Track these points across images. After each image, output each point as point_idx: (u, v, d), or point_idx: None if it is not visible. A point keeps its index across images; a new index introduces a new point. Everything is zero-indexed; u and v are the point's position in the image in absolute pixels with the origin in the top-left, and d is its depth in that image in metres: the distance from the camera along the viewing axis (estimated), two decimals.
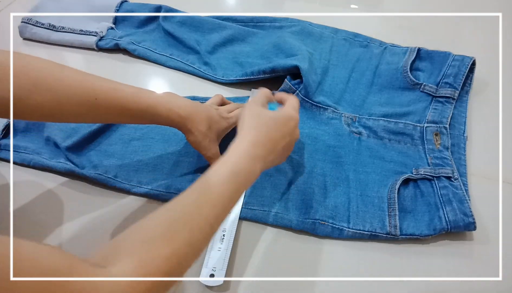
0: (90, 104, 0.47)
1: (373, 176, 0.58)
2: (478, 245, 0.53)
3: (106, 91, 0.48)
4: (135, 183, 0.60)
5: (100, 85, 0.48)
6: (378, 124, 0.63)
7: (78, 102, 0.47)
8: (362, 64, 0.73)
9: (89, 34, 0.81)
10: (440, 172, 0.56)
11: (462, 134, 0.62)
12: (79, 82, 0.47)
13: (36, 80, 0.44)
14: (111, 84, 0.49)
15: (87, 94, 0.47)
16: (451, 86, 0.64)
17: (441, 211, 0.53)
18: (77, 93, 0.46)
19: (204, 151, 0.56)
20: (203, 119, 0.54)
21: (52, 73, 0.45)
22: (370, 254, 0.53)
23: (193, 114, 0.53)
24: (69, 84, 0.46)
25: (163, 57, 0.78)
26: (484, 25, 0.82)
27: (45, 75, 0.45)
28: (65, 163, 0.61)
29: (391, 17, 0.86)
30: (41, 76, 0.45)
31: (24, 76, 0.43)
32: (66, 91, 0.46)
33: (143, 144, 0.64)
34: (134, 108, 0.50)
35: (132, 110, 0.50)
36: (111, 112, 0.50)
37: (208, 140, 0.55)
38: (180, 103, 0.52)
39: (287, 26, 0.80)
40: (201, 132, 0.54)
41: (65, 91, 0.46)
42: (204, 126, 0.54)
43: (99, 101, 0.48)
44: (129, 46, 0.79)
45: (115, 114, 0.50)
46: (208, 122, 0.54)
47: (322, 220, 0.54)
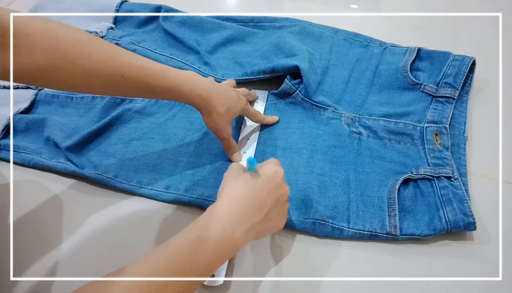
0: (116, 80, 0.48)
1: (373, 176, 0.58)
2: (478, 245, 0.53)
3: (133, 69, 0.48)
4: (135, 183, 0.60)
5: (128, 63, 0.48)
6: (378, 124, 0.63)
7: (104, 78, 0.47)
8: (362, 64, 0.73)
9: None
10: (440, 172, 0.56)
11: (462, 134, 0.62)
12: (107, 58, 0.47)
13: (64, 55, 0.44)
14: (138, 61, 0.50)
15: (114, 71, 0.47)
16: (451, 86, 0.64)
17: (441, 211, 0.53)
18: (104, 69, 0.46)
19: (219, 132, 0.57)
20: (223, 101, 0.55)
21: (80, 48, 0.45)
22: (370, 254, 0.53)
23: (214, 96, 0.54)
24: (97, 60, 0.46)
25: (163, 57, 0.78)
26: (484, 25, 0.82)
27: (73, 50, 0.44)
28: (65, 163, 0.62)
29: (391, 17, 0.86)
30: (69, 51, 0.44)
31: (52, 51, 0.43)
32: (94, 67, 0.46)
33: (143, 144, 0.64)
34: (159, 86, 0.50)
35: (157, 88, 0.51)
36: (137, 89, 0.50)
37: (224, 121, 0.56)
38: (202, 84, 0.53)
39: (287, 26, 0.79)
40: (220, 114, 0.55)
41: (92, 67, 0.46)
42: (223, 107, 0.55)
43: (125, 78, 0.48)
44: (129, 46, 0.79)
45: (140, 91, 0.51)
46: (227, 104, 0.55)
47: (322, 220, 0.54)
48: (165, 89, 0.51)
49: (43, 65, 0.42)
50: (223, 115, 0.55)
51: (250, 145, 0.63)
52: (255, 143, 0.64)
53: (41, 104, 0.71)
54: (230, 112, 0.56)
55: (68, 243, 0.55)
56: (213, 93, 0.54)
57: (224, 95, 0.55)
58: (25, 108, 0.69)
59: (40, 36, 0.42)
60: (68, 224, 0.57)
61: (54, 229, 0.57)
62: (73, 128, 0.65)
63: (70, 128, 0.65)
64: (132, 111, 0.68)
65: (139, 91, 0.51)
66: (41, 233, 0.56)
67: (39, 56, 0.42)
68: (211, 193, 0.58)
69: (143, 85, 0.50)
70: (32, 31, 0.42)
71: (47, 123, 0.65)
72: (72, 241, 0.55)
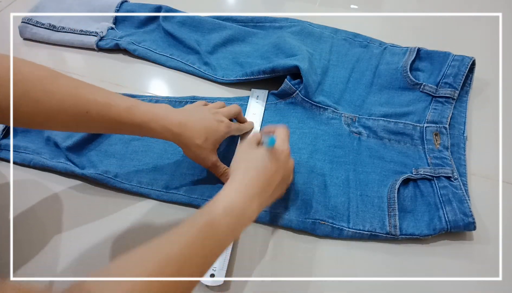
0: (80, 117, 0.46)
1: (373, 175, 0.58)
2: (478, 245, 0.53)
3: (99, 105, 0.47)
4: (135, 183, 0.60)
5: (94, 99, 0.47)
6: (378, 124, 0.63)
7: (68, 115, 0.46)
8: (362, 64, 0.73)
9: (89, 34, 0.81)
10: (440, 172, 0.56)
11: (462, 134, 0.62)
12: (70, 95, 0.45)
13: (25, 92, 0.42)
14: (104, 98, 0.48)
15: (78, 108, 0.46)
16: (451, 86, 0.64)
17: (441, 211, 0.53)
18: (67, 107, 0.45)
19: (203, 162, 0.55)
20: (199, 132, 0.53)
21: (42, 85, 0.44)
22: (370, 254, 0.53)
23: (188, 130, 0.52)
24: (60, 97, 0.45)
25: (163, 57, 0.78)
26: (484, 25, 0.82)
27: (34, 87, 0.43)
28: (65, 163, 0.62)
29: (391, 18, 0.86)
30: (30, 88, 0.43)
31: (14, 87, 0.42)
32: (56, 104, 0.44)
33: (143, 144, 0.64)
34: (128, 123, 0.49)
35: (125, 125, 0.49)
36: (104, 125, 0.49)
37: (205, 152, 0.54)
38: (174, 119, 0.51)
39: (287, 26, 0.80)
40: (197, 146, 0.53)
41: (55, 104, 0.44)
42: (201, 139, 0.53)
43: (90, 115, 0.46)
44: (129, 46, 0.79)
45: (108, 127, 0.49)
46: (205, 134, 0.53)
47: (322, 219, 0.54)
48: (133, 126, 0.49)
49: (4, 103, 0.42)
50: (201, 146, 0.53)
51: None
52: None
53: None
54: (209, 141, 0.54)
55: (68, 243, 0.55)
56: (186, 127, 0.52)
57: (200, 126, 0.53)
58: None
59: (1, 74, 0.41)
60: (68, 224, 0.57)
61: (54, 229, 0.57)
62: None
63: None
64: None
65: (107, 128, 0.50)
66: (41, 233, 0.56)
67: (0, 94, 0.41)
68: (211, 193, 0.58)
69: (110, 122, 0.48)
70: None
71: None
72: (72, 241, 0.55)
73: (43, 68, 0.45)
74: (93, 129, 0.50)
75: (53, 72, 0.46)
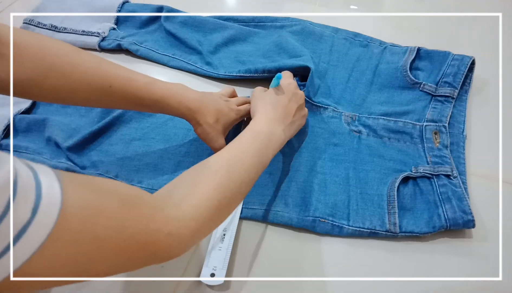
0: (103, 91, 0.48)
1: (372, 174, 0.59)
2: (477, 243, 0.53)
3: (121, 79, 0.49)
4: (136, 183, 0.60)
5: (116, 73, 0.48)
6: (377, 123, 0.63)
7: (92, 88, 0.47)
8: (362, 64, 0.73)
9: (91, 34, 0.81)
10: (439, 170, 0.56)
11: (461, 133, 0.62)
12: (94, 69, 0.47)
13: (51, 65, 0.44)
14: (126, 72, 0.50)
15: (102, 81, 0.47)
16: (451, 86, 0.65)
17: (440, 208, 0.53)
18: (91, 80, 0.47)
19: (211, 142, 0.57)
20: (212, 112, 0.55)
21: (68, 58, 0.45)
22: (370, 252, 0.53)
23: (202, 107, 0.54)
24: (84, 70, 0.46)
25: (165, 57, 0.78)
26: (484, 25, 0.82)
27: (60, 61, 0.45)
28: (66, 163, 0.62)
29: (390, 18, 0.86)
30: (56, 61, 0.44)
31: (40, 60, 0.43)
32: (81, 77, 0.46)
33: (144, 144, 0.65)
34: (147, 98, 0.51)
35: (144, 100, 0.51)
36: (124, 100, 0.50)
37: (215, 132, 0.56)
38: (190, 96, 0.53)
39: (288, 25, 0.80)
40: (209, 125, 0.55)
41: (79, 77, 0.46)
42: (212, 118, 0.55)
43: (113, 89, 0.48)
44: (131, 47, 0.79)
45: (127, 102, 0.51)
46: (216, 115, 0.55)
47: (322, 217, 0.54)
48: (152, 101, 0.51)
49: (32, 74, 0.43)
50: (212, 126, 0.55)
51: None
52: None
53: (42, 104, 0.71)
54: (220, 123, 0.56)
55: None
56: (202, 104, 0.54)
57: (214, 107, 0.55)
58: (26, 108, 0.69)
59: (29, 46, 0.43)
60: None
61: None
62: (74, 128, 0.65)
63: (71, 129, 0.65)
64: (133, 112, 0.68)
65: (127, 103, 0.51)
66: None
67: (28, 65, 0.43)
68: None
69: (130, 97, 0.50)
70: (21, 41, 0.42)
71: (48, 124, 0.66)
72: None
73: (67, 44, 0.47)
74: (114, 104, 0.52)
75: (76, 48, 0.48)
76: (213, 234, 0.54)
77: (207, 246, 0.53)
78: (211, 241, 0.53)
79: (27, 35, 0.44)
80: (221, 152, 0.44)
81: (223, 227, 0.54)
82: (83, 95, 0.48)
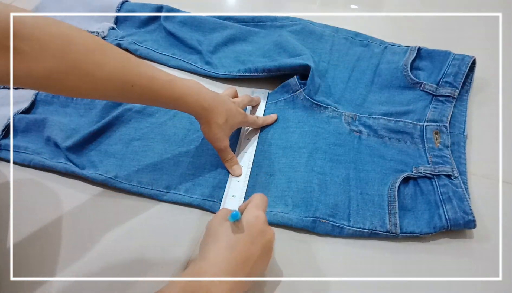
0: (125, 90, 0.47)
1: (373, 174, 0.58)
2: (478, 244, 0.53)
3: (144, 79, 0.48)
4: (135, 183, 0.60)
5: (139, 73, 0.48)
6: (378, 123, 0.63)
7: (113, 87, 0.46)
8: (362, 63, 0.73)
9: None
10: (440, 170, 0.56)
11: (462, 133, 0.62)
12: (118, 69, 0.46)
13: (74, 62, 0.42)
14: (149, 71, 0.49)
15: (125, 81, 0.47)
16: (451, 85, 0.65)
17: (441, 209, 0.53)
18: (114, 80, 0.46)
19: (217, 142, 0.57)
20: (222, 112, 0.55)
21: (92, 56, 0.43)
22: (370, 252, 0.53)
23: (215, 107, 0.54)
24: (108, 70, 0.45)
25: (165, 57, 0.78)
26: (484, 25, 0.82)
27: (84, 59, 0.43)
28: (65, 163, 0.62)
29: (391, 18, 0.86)
30: (80, 59, 0.42)
31: (62, 57, 0.41)
32: (104, 76, 0.45)
33: (143, 144, 0.64)
34: (167, 96, 0.50)
35: (164, 98, 0.51)
36: (144, 98, 0.50)
37: (222, 133, 0.56)
38: (205, 95, 0.54)
39: (288, 25, 0.80)
40: (218, 125, 0.55)
41: (102, 76, 0.45)
42: (222, 119, 0.55)
43: (134, 88, 0.48)
44: (131, 46, 0.79)
45: (146, 99, 0.51)
46: (226, 116, 0.56)
47: (323, 218, 0.54)
48: (171, 99, 0.51)
49: (52, 71, 0.41)
50: (221, 126, 0.55)
51: (250, 145, 0.63)
52: (255, 143, 0.64)
53: (41, 104, 0.71)
54: (228, 124, 0.57)
55: (68, 243, 0.55)
56: (215, 104, 0.54)
57: (224, 107, 0.56)
58: (25, 108, 0.69)
59: (51, 41, 0.40)
60: (68, 224, 0.57)
61: (54, 229, 0.57)
62: (73, 128, 0.65)
63: (71, 129, 0.65)
64: (133, 112, 0.68)
65: (145, 100, 0.51)
66: (41, 233, 0.56)
67: (49, 62, 0.40)
68: (211, 193, 0.58)
69: (150, 95, 0.50)
70: (43, 34, 0.40)
71: (48, 124, 0.65)
72: (72, 241, 0.55)
73: (93, 38, 0.45)
74: (133, 100, 0.52)
75: (102, 43, 0.45)
76: None
77: None
78: None
79: (52, 28, 0.41)
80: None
81: None
82: (104, 92, 0.47)
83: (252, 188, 0.58)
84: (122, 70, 0.46)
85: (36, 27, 0.39)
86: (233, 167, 0.60)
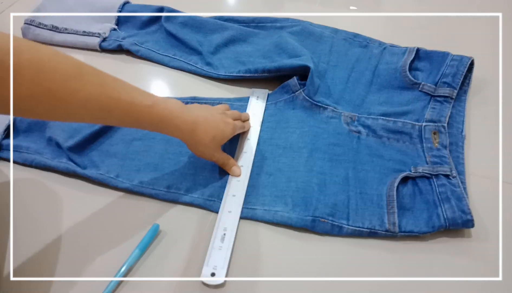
0: (102, 115, 0.46)
1: (372, 174, 0.59)
2: (477, 243, 0.53)
3: (122, 104, 0.46)
4: (136, 183, 0.60)
5: (117, 98, 0.45)
6: (377, 123, 0.64)
7: (89, 113, 0.44)
8: (361, 64, 0.73)
9: (92, 35, 0.82)
10: (438, 170, 0.57)
11: (460, 133, 0.62)
12: (95, 95, 0.43)
13: (48, 91, 0.40)
14: (127, 96, 0.47)
15: (101, 107, 0.44)
16: (450, 86, 0.65)
17: (439, 208, 0.53)
18: (90, 106, 0.43)
19: (207, 159, 0.58)
20: (208, 131, 0.55)
21: (67, 84, 0.41)
22: (369, 251, 0.53)
23: (198, 129, 0.53)
24: (84, 97, 0.42)
25: (166, 58, 0.78)
26: (484, 25, 0.83)
27: (59, 87, 0.40)
28: (67, 163, 0.62)
29: (390, 18, 0.86)
30: (54, 87, 0.40)
31: (36, 86, 0.39)
32: (80, 103, 0.42)
33: (145, 144, 0.65)
34: (146, 121, 0.49)
35: (144, 123, 0.49)
36: (122, 122, 0.48)
37: (211, 150, 0.56)
38: (187, 118, 0.52)
39: (288, 26, 0.80)
40: (205, 145, 0.55)
41: (78, 103, 0.42)
42: (208, 137, 0.55)
43: (112, 114, 0.46)
44: (132, 47, 0.79)
45: (128, 123, 0.49)
46: (212, 133, 0.55)
47: (322, 217, 0.54)
48: (151, 124, 0.50)
49: (26, 100, 0.39)
50: (207, 145, 0.55)
51: (250, 145, 0.64)
52: (255, 143, 0.64)
53: None
54: (216, 140, 0.56)
55: (69, 242, 0.55)
56: (198, 125, 0.53)
57: (210, 125, 0.55)
58: None
59: (24, 69, 0.38)
60: (69, 224, 0.57)
61: (55, 229, 0.57)
62: (75, 128, 0.65)
63: (72, 129, 0.65)
64: None
65: (126, 124, 0.49)
66: (42, 233, 0.56)
67: (22, 90, 0.38)
68: (212, 192, 0.59)
69: (130, 120, 0.48)
70: (16, 62, 0.37)
71: (49, 124, 0.66)
72: (73, 241, 0.56)
73: (70, 62, 0.42)
74: (114, 124, 0.50)
75: (79, 67, 0.43)
76: (213, 233, 0.54)
77: (207, 246, 0.53)
78: (212, 240, 0.53)
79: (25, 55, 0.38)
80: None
81: (223, 227, 0.55)
82: (80, 117, 0.45)
83: (252, 188, 0.59)
84: (99, 97, 0.44)
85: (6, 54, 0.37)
86: (232, 168, 0.60)
